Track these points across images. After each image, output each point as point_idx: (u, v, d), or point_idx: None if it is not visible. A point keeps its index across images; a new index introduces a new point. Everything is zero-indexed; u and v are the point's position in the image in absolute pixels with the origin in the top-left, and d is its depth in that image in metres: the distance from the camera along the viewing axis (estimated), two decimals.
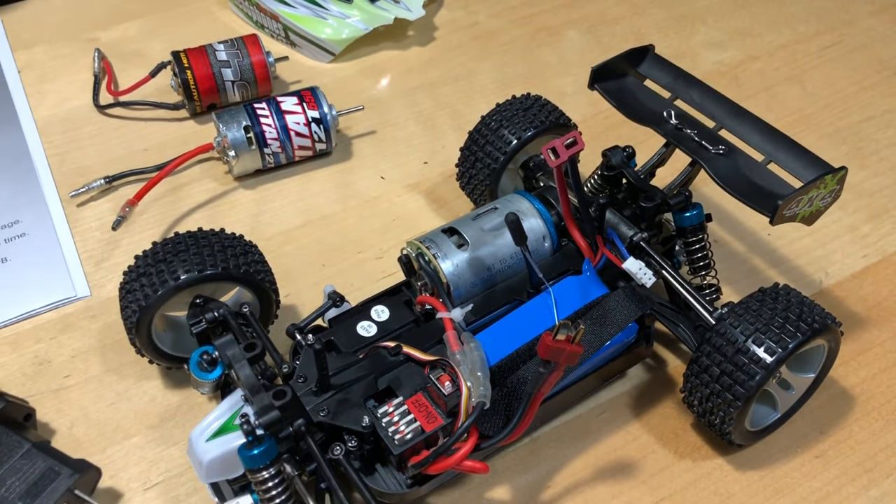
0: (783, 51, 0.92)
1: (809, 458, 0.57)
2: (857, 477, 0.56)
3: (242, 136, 0.73)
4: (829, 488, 0.55)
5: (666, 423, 0.59)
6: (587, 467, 0.56)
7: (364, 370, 0.53)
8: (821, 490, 0.55)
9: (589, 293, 0.56)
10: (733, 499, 0.55)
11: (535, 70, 0.90)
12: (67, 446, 0.57)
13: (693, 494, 0.55)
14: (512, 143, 0.65)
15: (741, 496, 0.55)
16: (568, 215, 0.57)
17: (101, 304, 0.66)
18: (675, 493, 0.55)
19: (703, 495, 0.55)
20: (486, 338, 0.54)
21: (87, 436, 0.58)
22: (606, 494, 0.55)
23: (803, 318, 0.52)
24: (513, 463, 0.57)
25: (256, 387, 0.48)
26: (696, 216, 0.58)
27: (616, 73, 0.65)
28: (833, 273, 0.69)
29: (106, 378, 0.62)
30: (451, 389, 0.50)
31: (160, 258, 0.56)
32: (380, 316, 0.57)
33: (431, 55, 0.91)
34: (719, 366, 0.52)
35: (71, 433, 0.58)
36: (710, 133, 0.60)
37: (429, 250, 0.57)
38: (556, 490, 0.55)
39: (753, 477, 0.56)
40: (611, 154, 0.60)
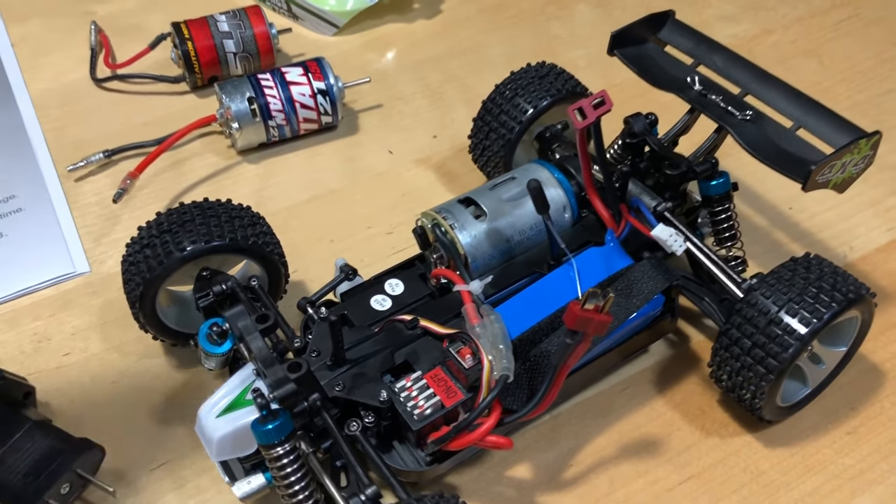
0: (798, 24, 0.90)
1: (841, 434, 0.55)
2: (890, 454, 0.54)
3: (246, 108, 0.71)
4: (861, 465, 0.53)
5: (691, 399, 0.57)
6: (611, 444, 0.54)
7: (380, 344, 0.51)
8: (854, 467, 0.53)
9: (613, 264, 0.54)
10: (763, 476, 0.53)
11: (544, 43, 0.88)
12: (69, 425, 0.54)
13: (722, 472, 0.53)
14: (528, 111, 0.63)
15: (772, 473, 0.53)
16: (590, 184, 0.55)
17: (102, 279, 0.64)
18: (704, 470, 0.53)
19: (733, 473, 0.53)
20: (506, 311, 0.52)
21: (89, 415, 0.56)
22: (632, 473, 0.53)
23: (838, 287, 0.50)
24: (533, 440, 0.54)
25: (270, 359, 0.46)
26: (724, 184, 0.56)
27: (636, 40, 0.62)
28: (857, 247, 0.67)
29: (107, 356, 0.59)
30: (471, 363, 0.48)
31: (165, 229, 0.53)
32: (394, 290, 0.55)
33: (438, 28, 0.89)
34: (751, 338, 0.50)
35: (72, 412, 0.56)
36: (736, 99, 0.57)
37: (445, 221, 0.55)
38: (579, 468, 0.53)
39: (784, 454, 0.54)
40: (633, 121, 0.58)
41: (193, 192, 0.70)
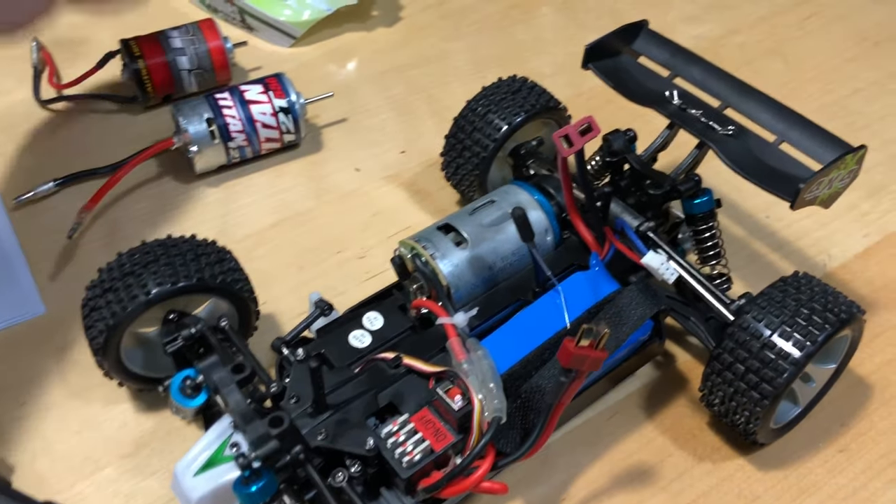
0: (763, 23, 0.89)
1: (833, 452, 0.54)
2: (882, 470, 0.53)
3: (205, 130, 0.67)
4: (855, 484, 0.53)
5: (681, 422, 0.56)
6: (603, 475, 0.53)
7: (362, 386, 0.49)
8: (847, 486, 0.53)
9: (599, 289, 0.52)
10: (759, 501, 0.52)
11: (509, 50, 0.85)
12: (30, 484, 0.51)
13: (717, 498, 0.52)
14: (502, 129, 0.61)
15: (766, 498, 0.52)
16: (572, 207, 0.53)
17: (58, 321, 0.60)
18: (698, 498, 0.52)
19: (728, 499, 0.52)
20: (492, 343, 0.50)
21: (51, 470, 0.52)
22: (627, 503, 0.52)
23: (829, 308, 0.49)
24: (524, 475, 0.53)
25: (249, 414, 0.43)
26: (707, 202, 0.55)
27: (610, 52, 0.61)
28: (836, 255, 0.66)
29: (69, 403, 0.56)
30: (461, 404, 0.46)
31: (127, 271, 0.50)
32: (373, 324, 0.53)
33: (400, 36, 0.86)
34: (744, 363, 0.49)
35: (33, 468, 0.52)
36: (717, 112, 0.56)
37: (426, 250, 0.52)
38: (572, 502, 0.52)
39: (777, 476, 0.53)
40: (612, 139, 0.56)
41: (153, 221, 0.67)
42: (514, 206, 0.55)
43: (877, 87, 0.82)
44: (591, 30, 0.88)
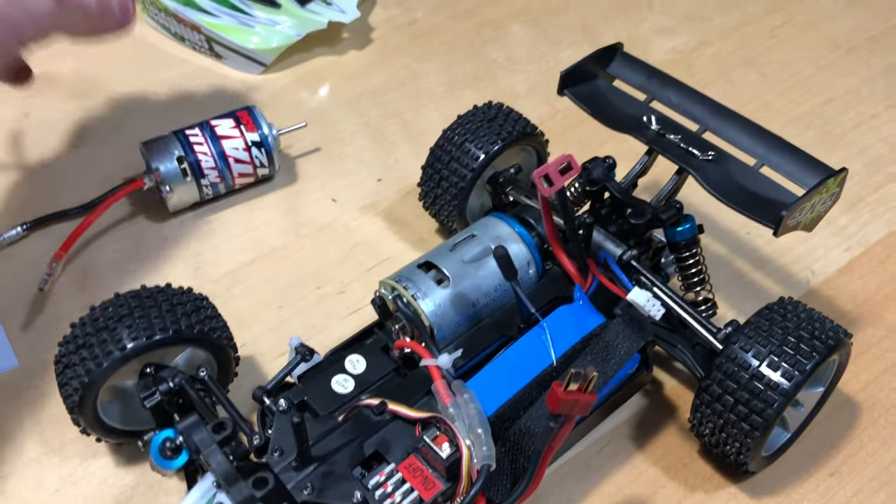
0: (735, 34, 0.89)
1: (824, 476, 0.54)
2: (874, 493, 0.53)
3: (176, 168, 0.66)
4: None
5: (672, 451, 0.55)
6: None
7: (347, 435, 0.47)
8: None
9: (585, 323, 0.51)
10: None
11: (482, 69, 0.85)
12: None
13: None
14: (480, 158, 0.60)
15: None
16: (554, 240, 0.52)
17: (32, 374, 0.58)
18: None
19: None
20: (478, 383, 0.49)
21: None
22: None
23: (816, 335, 0.48)
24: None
25: (232, 475, 0.42)
26: (690, 229, 0.54)
27: (585, 77, 0.60)
28: (819, 270, 0.66)
29: (46, 460, 0.54)
30: (449, 451, 0.45)
31: (101, 325, 0.49)
32: (355, 367, 0.52)
33: (371, 59, 0.85)
34: (733, 394, 0.48)
35: None
36: (695, 137, 0.56)
37: (407, 290, 0.51)
38: None
39: None
40: (591, 167, 0.56)
41: (125, 266, 0.65)
42: (494, 239, 0.54)
43: (851, 95, 0.82)
44: (564, 45, 0.87)
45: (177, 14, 0.82)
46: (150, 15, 0.85)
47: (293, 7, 0.82)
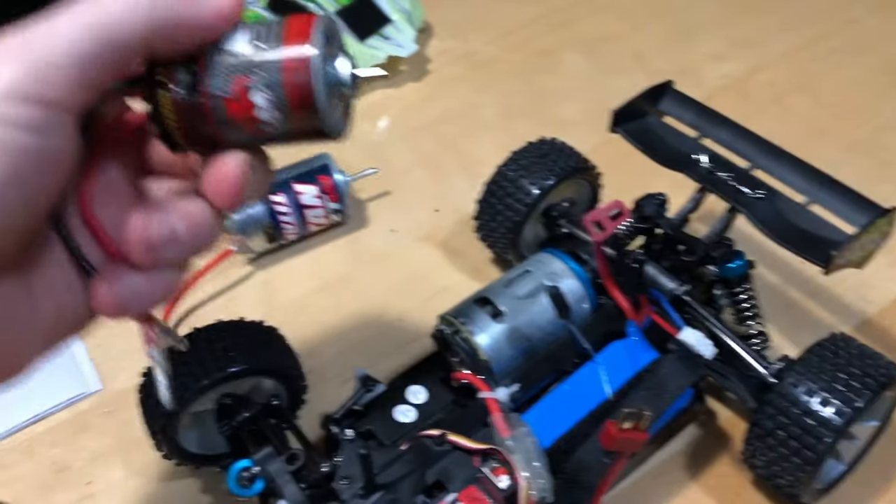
0: (788, 58, 0.90)
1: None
2: None
3: (263, 240, 0.70)
4: None
5: (725, 482, 0.56)
6: None
7: (409, 464, 0.50)
8: None
9: (638, 359, 0.53)
10: None
11: (536, 98, 0.87)
12: None
13: None
14: (534, 193, 0.62)
15: None
16: (607, 277, 0.54)
17: (116, 397, 0.62)
18: None
19: None
20: (534, 416, 0.51)
21: None
22: None
23: (868, 372, 0.49)
24: None
25: None
26: (741, 266, 0.56)
27: (636, 114, 0.62)
28: (875, 300, 0.66)
29: (131, 482, 0.58)
30: (507, 483, 0.47)
31: (180, 359, 0.52)
32: (417, 398, 0.54)
33: (428, 91, 0.88)
34: (784, 429, 0.49)
35: None
36: (746, 175, 0.57)
37: (464, 326, 0.54)
38: None
39: None
40: (643, 204, 0.57)
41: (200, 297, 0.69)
42: (548, 275, 0.56)
43: None
44: (618, 74, 0.89)
45: None
46: None
47: (353, 43, 0.85)
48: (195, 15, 0.30)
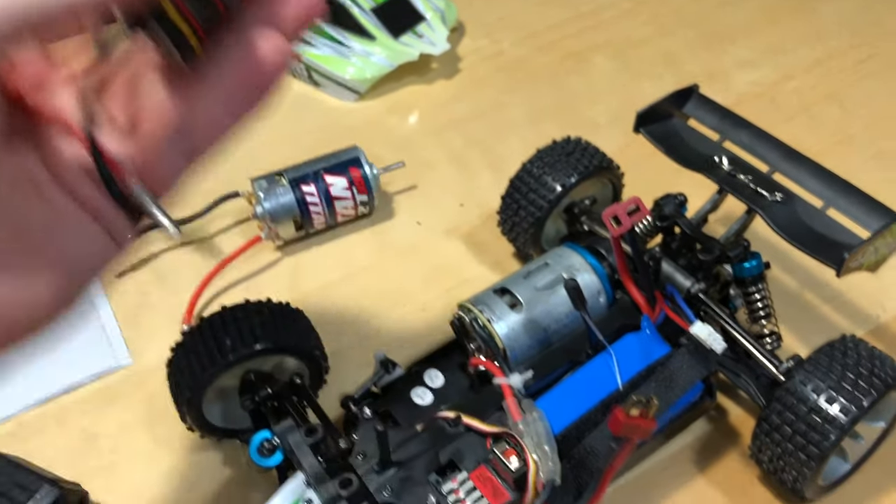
0: (818, 67, 0.90)
1: None
2: None
3: (291, 228, 0.72)
4: None
5: (732, 476, 0.57)
6: None
7: (424, 444, 0.52)
8: None
9: (651, 352, 0.54)
10: None
11: (564, 100, 0.88)
12: None
13: None
14: (557, 190, 0.64)
15: None
16: (624, 271, 0.55)
17: (144, 371, 0.65)
18: None
19: None
20: (546, 403, 0.52)
21: None
22: None
23: (875, 372, 0.50)
24: None
25: (321, 475, 0.47)
26: (756, 267, 0.57)
27: (661, 116, 0.63)
28: (890, 307, 0.67)
29: (156, 452, 0.60)
30: (517, 464, 0.49)
31: (208, 335, 0.54)
32: (434, 381, 0.56)
33: (458, 89, 0.90)
34: (791, 425, 0.50)
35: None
36: (765, 178, 0.58)
37: (482, 314, 0.55)
38: None
39: None
40: (663, 203, 0.59)
41: (228, 275, 0.71)
42: (567, 268, 0.58)
43: None
44: (646, 78, 0.90)
45: None
46: None
47: (387, 39, 0.87)
48: None
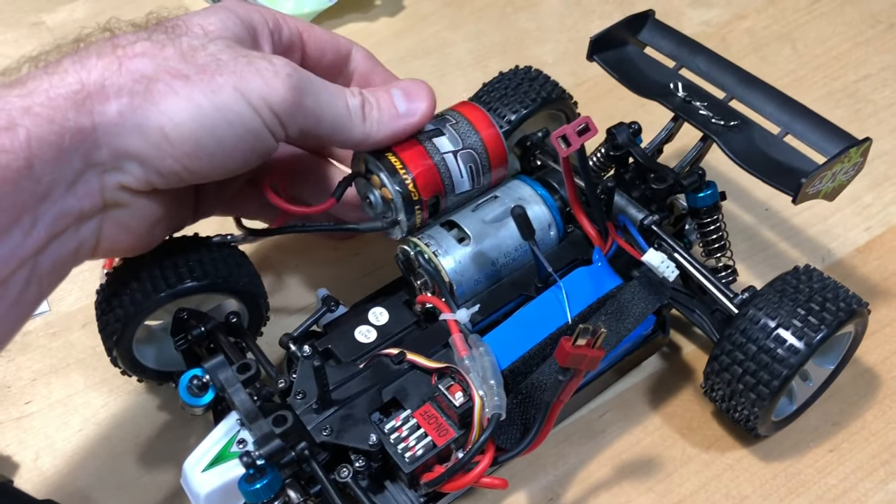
0: (771, 7, 0.88)
1: (823, 452, 0.54)
2: (873, 471, 0.53)
3: None
4: (844, 484, 0.52)
5: (685, 413, 0.56)
6: (601, 468, 0.53)
7: (367, 381, 0.49)
8: (837, 487, 0.52)
9: (602, 285, 0.52)
10: (747, 501, 0.52)
11: (511, 38, 0.85)
12: (33, 482, 0.52)
13: (704, 498, 0.52)
14: (510, 120, 0.60)
15: (755, 498, 0.52)
16: (575, 202, 0.53)
17: (62, 318, 0.61)
18: (684, 498, 0.52)
19: (716, 498, 0.52)
20: (494, 339, 0.50)
21: (53, 467, 0.53)
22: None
23: (828, 304, 0.48)
24: (520, 469, 0.53)
25: (253, 412, 0.44)
26: (711, 196, 0.55)
27: (615, 43, 0.60)
28: (836, 248, 0.66)
29: (71, 402, 0.57)
30: (462, 400, 0.47)
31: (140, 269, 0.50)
32: (378, 319, 0.53)
33: (401, 26, 0.86)
34: (742, 364, 0.49)
35: (36, 466, 0.53)
36: (721, 105, 0.56)
37: (428, 247, 0.52)
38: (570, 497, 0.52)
39: (766, 476, 0.53)
40: (616, 132, 0.56)
41: None
42: (516, 200, 0.55)
43: (888, 73, 0.81)
44: (596, 16, 0.87)
45: None
46: None
47: None
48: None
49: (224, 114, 0.42)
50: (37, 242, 0.40)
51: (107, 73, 0.41)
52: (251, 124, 0.43)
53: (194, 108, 0.42)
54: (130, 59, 0.41)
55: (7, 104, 0.39)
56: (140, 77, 0.41)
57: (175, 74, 0.42)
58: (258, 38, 0.49)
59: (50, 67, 0.41)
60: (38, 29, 0.81)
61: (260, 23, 0.49)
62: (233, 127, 0.43)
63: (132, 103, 0.41)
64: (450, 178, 0.52)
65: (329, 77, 0.52)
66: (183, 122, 0.42)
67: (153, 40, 0.43)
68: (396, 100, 0.50)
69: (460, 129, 0.52)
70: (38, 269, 0.41)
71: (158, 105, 0.41)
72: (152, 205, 0.46)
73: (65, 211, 0.41)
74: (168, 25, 0.45)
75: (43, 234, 0.40)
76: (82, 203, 0.42)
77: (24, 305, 0.42)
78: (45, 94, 0.40)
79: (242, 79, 0.43)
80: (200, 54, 0.43)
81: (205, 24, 0.45)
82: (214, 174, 0.45)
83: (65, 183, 0.41)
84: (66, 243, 0.42)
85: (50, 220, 0.41)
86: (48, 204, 0.40)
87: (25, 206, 0.39)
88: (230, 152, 0.44)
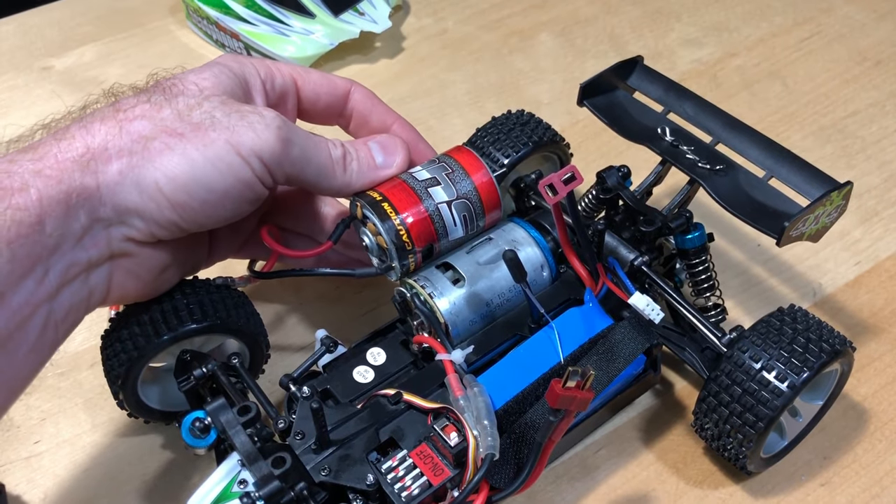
0: (761, 45, 0.90)
1: (815, 486, 0.55)
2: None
3: None
4: None
5: (676, 449, 0.57)
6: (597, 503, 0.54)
7: (364, 421, 0.50)
8: None
9: (593, 325, 0.54)
10: None
11: (508, 79, 0.87)
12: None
13: None
14: (503, 164, 0.62)
15: None
16: (566, 244, 0.55)
17: (70, 358, 0.62)
18: None
19: None
20: (489, 379, 0.51)
21: None
22: None
23: (818, 341, 0.50)
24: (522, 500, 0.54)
25: (253, 454, 0.45)
26: (699, 238, 0.56)
27: (605, 88, 0.62)
28: (826, 283, 0.67)
29: (79, 441, 0.58)
30: (457, 440, 0.48)
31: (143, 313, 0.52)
32: (376, 359, 0.55)
33: (400, 67, 0.88)
34: (728, 405, 0.50)
35: None
36: (708, 149, 0.58)
37: (424, 289, 0.54)
38: None
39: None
40: (606, 176, 0.58)
41: None
42: (510, 242, 0.57)
43: (875, 109, 0.83)
44: (590, 56, 0.89)
45: (218, 22, 0.86)
46: (194, 23, 0.89)
47: (327, 17, 0.85)
48: None
49: (215, 165, 0.45)
50: (49, 290, 0.43)
51: (109, 136, 0.44)
52: (241, 174, 0.46)
53: (187, 162, 0.44)
54: (130, 121, 0.45)
55: (21, 168, 0.42)
56: (139, 137, 0.44)
57: (171, 133, 0.45)
58: (251, 90, 0.52)
59: (59, 133, 0.44)
60: (47, 73, 0.84)
61: (252, 75, 0.52)
62: (224, 177, 0.46)
63: (131, 162, 0.44)
64: (443, 226, 0.54)
65: (327, 118, 0.56)
66: (176, 176, 0.44)
67: (152, 102, 0.46)
68: (374, 152, 0.54)
69: (455, 178, 0.54)
70: (54, 315, 0.44)
71: (154, 161, 0.44)
72: (158, 253, 0.48)
73: (74, 261, 0.44)
74: (166, 85, 0.48)
75: (55, 282, 0.43)
76: (90, 253, 0.45)
77: (41, 350, 0.44)
78: (55, 158, 0.43)
79: (235, 133, 0.46)
80: (195, 112, 0.46)
81: (199, 81, 0.49)
82: (209, 222, 0.48)
83: (73, 236, 0.43)
84: (78, 291, 0.45)
85: (61, 269, 0.43)
86: (58, 255, 0.43)
87: (38, 257, 0.42)
88: (222, 200, 0.47)
